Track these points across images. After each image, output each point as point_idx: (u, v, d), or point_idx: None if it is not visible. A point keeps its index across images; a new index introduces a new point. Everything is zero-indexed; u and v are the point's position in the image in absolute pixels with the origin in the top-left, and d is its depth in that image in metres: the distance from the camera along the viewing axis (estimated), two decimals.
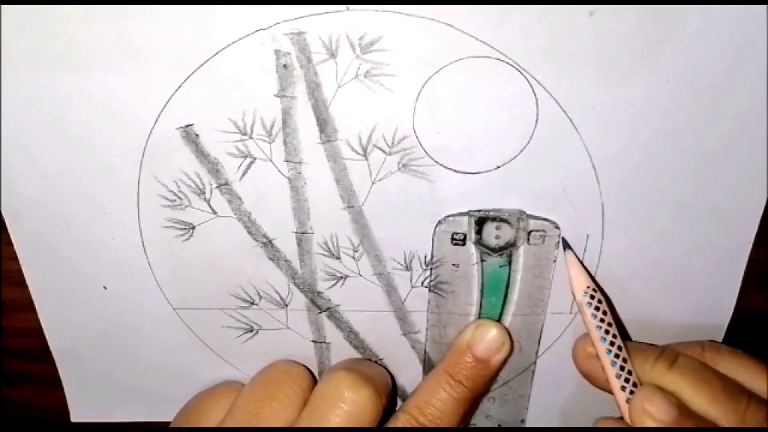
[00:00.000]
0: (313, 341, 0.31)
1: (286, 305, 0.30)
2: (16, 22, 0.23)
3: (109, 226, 0.28)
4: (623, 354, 0.27)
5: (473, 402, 0.28)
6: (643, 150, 0.26)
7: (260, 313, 0.30)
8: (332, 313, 0.30)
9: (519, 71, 0.24)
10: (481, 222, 0.27)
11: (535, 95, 0.25)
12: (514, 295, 0.29)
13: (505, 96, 0.25)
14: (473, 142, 0.26)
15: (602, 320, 0.27)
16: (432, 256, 0.28)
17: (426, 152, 0.26)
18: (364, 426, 0.26)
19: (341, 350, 0.31)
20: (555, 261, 0.28)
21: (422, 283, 0.29)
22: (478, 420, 0.32)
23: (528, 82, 0.24)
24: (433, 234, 0.27)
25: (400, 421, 0.27)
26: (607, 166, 0.26)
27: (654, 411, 0.25)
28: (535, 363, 0.31)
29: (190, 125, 0.26)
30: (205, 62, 0.24)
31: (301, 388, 0.28)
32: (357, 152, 0.26)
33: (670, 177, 0.26)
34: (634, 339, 0.30)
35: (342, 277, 0.29)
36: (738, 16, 0.23)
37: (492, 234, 0.27)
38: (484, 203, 0.27)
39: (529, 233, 0.27)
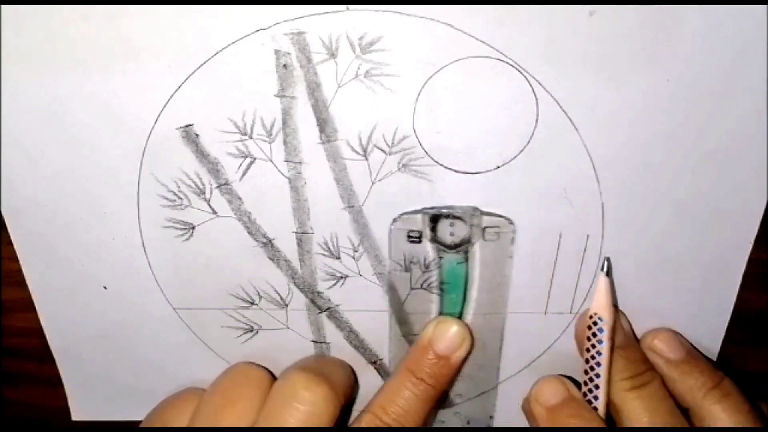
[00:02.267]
0: (313, 341, 0.31)
1: (286, 305, 0.30)
2: (16, 22, 0.23)
3: (109, 226, 0.28)
4: (600, 382, 0.28)
5: (437, 399, 0.29)
6: (643, 150, 0.26)
7: (260, 313, 0.30)
8: (332, 313, 0.30)
9: (519, 71, 0.24)
10: (435, 219, 0.27)
11: (535, 95, 0.25)
12: (474, 293, 0.29)
13: (505, 96, 0.25)
14: (473, 142, 0.26)
15: (593, 346, 0.28)
16: (390, 255, 0.28)
17: (426, 152, 0.26)
18: (322, 425, 0.26)
19: (341, 350, 0.31)
20: (512, 257, 0.28)
21: (422, 284, 0.29)
22: (447, 417, 0.32)
23: (528, 82, 0.24)
24: (389, 232, 0.28)
25: (364, 420, 0.27)
26: (607, 166, 0.26)
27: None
28: (500, 359, 0.31)
29: (190, 125, 0.26)
30: (205, 62, 0.24)
31: (261, 391, 0.28)
32: (357, 152, 0.26)
33: (670, 177, 0.26)
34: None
35: (342, 277, 0.29)
36: (738, 16, 0.23)
37: (447, 231, 0.27)
38: (484, 203, 0.27)
39: (484, 229, 0.27)
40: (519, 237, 0.28)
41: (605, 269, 0.28)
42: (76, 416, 0.33)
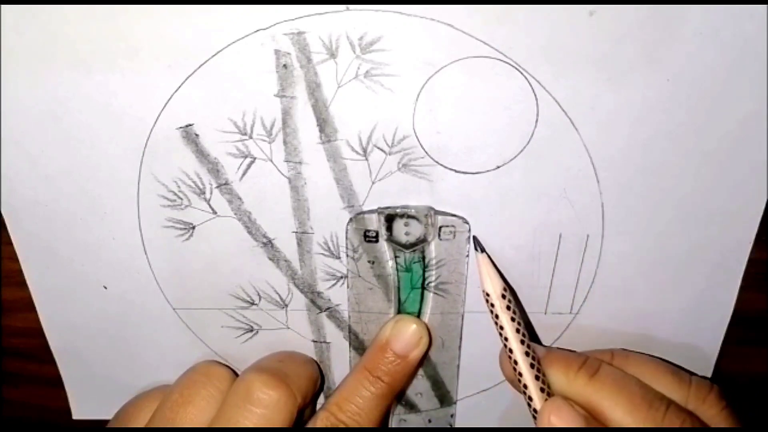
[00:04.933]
0: (313, 341, 0.31)
1: (286, 305, 0.30)
2: (16, 22, 0.23)
3: (109, 226, 0.28)
4: (537, 355, 0.27)
5: (394, 397, 0.29)
6: (643, 150, 0.26)
7: (260, 313, 0.30)
8: (332, 313, 0.30)
9: (519, 71, 0.24)
10: (390, 219, 0.27)
11: (535, 95, 0.25)
12: (431, 291, 0.29)
13: (505, 96, 0.25)
14: (473, 142, 0.26)
15: (519, 323, 0.27)
16: (347, 251, 0.28)
17: (426, 152, 0.26)
18: (277, 426, 0.26)
19: (341, 350, 0.31)
20: (467, 257, 0.28)
21: (422, 284, 0.29)
22: (409, 416, 0.33)
23: (528, 82, 0.24)
24: (346, 232, 0.28)
25: (319, 420, 0.27)
26: (607, 166, 0.26)
27: (560, 424, 0.25)
28: (459, 357, 0.31)
29: (190, 125, 0.26)
30: (205, 62, 0.24)
31: (219, 390, 0.28)
32: (357, 152, 0.26)
33: (670, 177, 0.26)
34: (634, 340, 0.30)
35: (342, 277, 0.29)
36: (738, 16, 0.23)
37: (402, 230, 0.27)
38: (484, 203, 0.27)
39: (439, 229, 0.27)
40: (520, 237, 0.28)
41: (476, 247, 0.27)
42: (76, 415, 0.33)
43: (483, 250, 0.27)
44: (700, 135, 0.26)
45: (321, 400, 0.32)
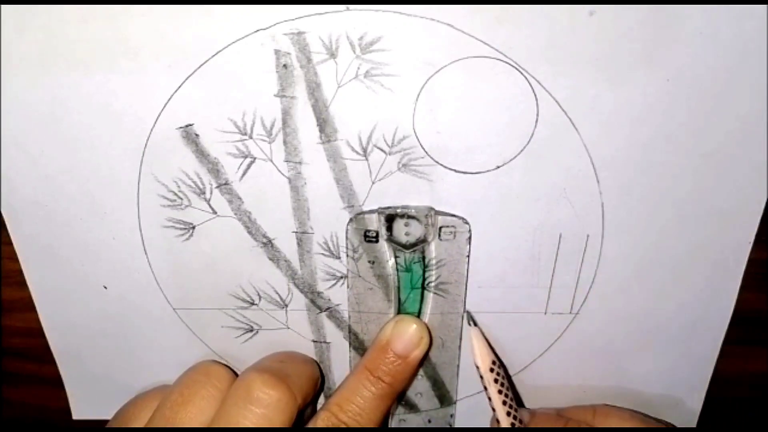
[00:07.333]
0: (313, 341, 0.31)
1: (286, 305, 0.30)
2: (16, 22, 0.23)
3: (109, 226, 0.28)
4: (524, 421, 0.29)
5: (395, 398, 0.29)
6: (643, 150, 0.26)
7: (260, 313, 0.30)
8: (332, 313, 0.30)
9: (519, 71, 0.24)
10: (390, 219, 0.27)
11: (535, 95, 0.25)
12: (431, 291, 0.29)
13: (505, 96, 0.25)
14: (473, 142, 0.26)
15: (506, 395, 0.29)
16: (347, 251, 0.28)
17: (426, 152, 0.26)
18: (277, 426, 0.26)
19: (341, 350, 0.31)
20: (468, 256, 0.28)
21: (422, 284, 0.29)
22: (409, 416, 0.33)
23: (528, 82, 0.24)
24: (346, 232, 0.28)
25: (320, 419, 0.27)
26: (607, 166, 0.26)
27: None
28: (459, 357, 0.31)
29: (190, 125, 0.26)
30: (205, 62, 0.24)
31: (219, 389, 0.28)
32: (357, 152, 0.26)
33: (670, 177, 0.26)
34: (633, 340, 0.30)
35: (342, 277, 0.29)
36: (738, 16, 0.23)
37: (402, 230, 0.27)
38: (484, 203, 0.27)
39: (440, 229, 0.27)
40: (520, 237, 0.28)
41: (470, 322, 0.29)
42: (76, 415, 0.33)
43: (475, 324, 0.29)
44: (700, 135, 0.26)
45: (321, 400, 0.32)
